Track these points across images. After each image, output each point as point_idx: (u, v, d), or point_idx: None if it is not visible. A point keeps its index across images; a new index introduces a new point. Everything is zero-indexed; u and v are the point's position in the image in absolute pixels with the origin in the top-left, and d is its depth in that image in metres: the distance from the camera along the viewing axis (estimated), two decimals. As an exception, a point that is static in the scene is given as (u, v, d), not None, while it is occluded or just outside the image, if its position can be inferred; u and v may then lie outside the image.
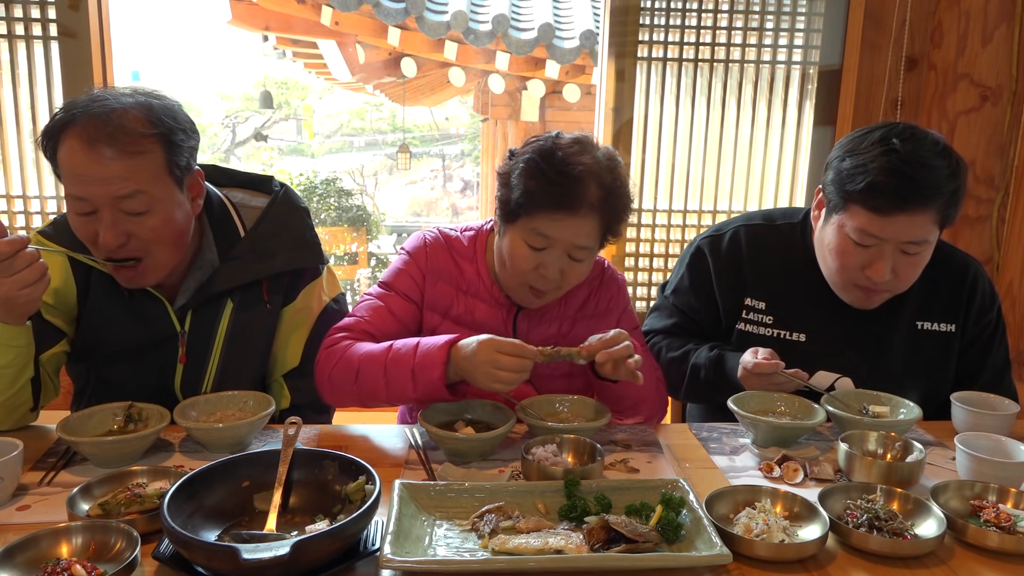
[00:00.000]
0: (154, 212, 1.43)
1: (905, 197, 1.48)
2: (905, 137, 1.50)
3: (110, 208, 1.40)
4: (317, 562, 0.97)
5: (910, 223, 1.49)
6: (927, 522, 1.13)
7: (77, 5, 2.52)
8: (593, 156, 1.47)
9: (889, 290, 1.60)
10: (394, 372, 1.43)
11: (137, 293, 1.54)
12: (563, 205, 1.43)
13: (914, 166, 1.47)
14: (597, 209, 1.45)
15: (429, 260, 1.63)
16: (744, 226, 1.81)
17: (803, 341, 1.70)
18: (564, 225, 1.45)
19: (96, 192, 1.39)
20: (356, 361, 1.47)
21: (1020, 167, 2.73)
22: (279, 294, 1.64)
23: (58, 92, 2.60)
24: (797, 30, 2.78)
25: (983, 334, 1.74)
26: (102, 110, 1.39)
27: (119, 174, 1.38)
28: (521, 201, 1.46)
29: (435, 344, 1.41)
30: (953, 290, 1.72)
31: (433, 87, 9.06)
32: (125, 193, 1.39)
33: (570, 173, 1.43)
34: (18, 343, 1.39)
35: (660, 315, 1.88)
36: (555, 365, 1.62)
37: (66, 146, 1.39)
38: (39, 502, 1.20)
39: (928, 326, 1.71)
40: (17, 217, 2.68)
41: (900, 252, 1.53)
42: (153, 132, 1.41)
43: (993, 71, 2.71)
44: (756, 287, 1.74)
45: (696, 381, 1.71)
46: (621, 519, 1.07)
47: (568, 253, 1.48)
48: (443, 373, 1.38)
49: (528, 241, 1.48)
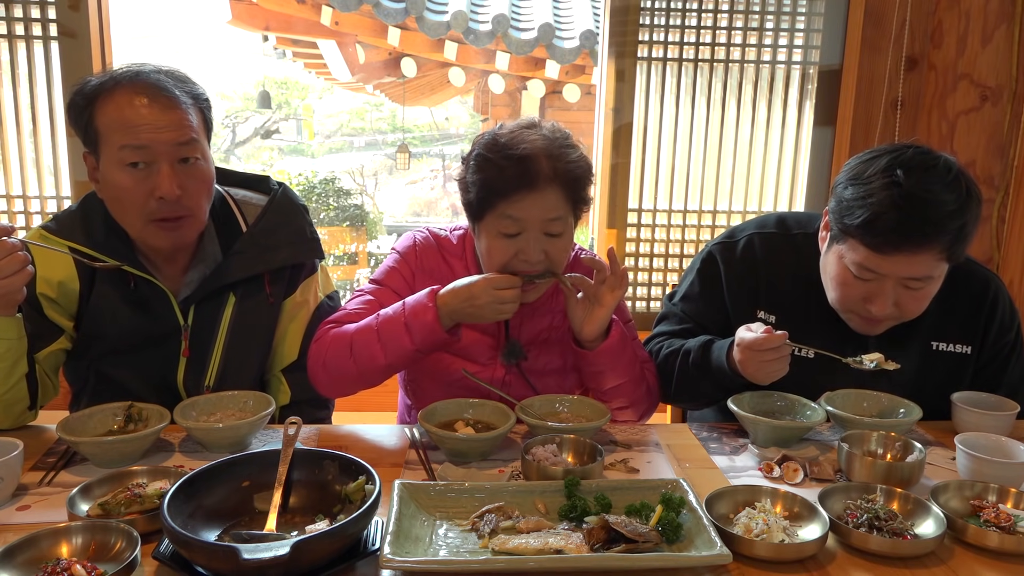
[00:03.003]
0: (202, 162, 1.51)
1: (904, 235, 1.39)
2: (911, 167, 1.41)
3: (168, 157, 1.45)
4: (317, 562, 0.97)
5: (910, 261, 1.42)
6: (927, 522, 1.13)
7: (77, 5, 2.52)
8: (538, 133, 1.50)
9: (895, 318, 1.54)
10: (388, 332, 1.47)
11: (141, 286, 1.55)
12: (520, 185, 1.45)
13: (915, 202, 1.38)
14: (554, 179, 1.46)
15: (419, 259, 1.66)
16: (758, 234, 1.73)
17: (811, 358, 1.63)
18: (528, 203, 1.46)
19: (158, 139, 1.44)
20: (348, 337, 1.51)
21: (1020, 167, 2.73)
22: (280, 287, 1.66)
23: (58, 92, 2.60)
24: (797, 30, 2.78)
25: (1000, 354, 1.67)
26: (143, 70, 1.48)
27: (177, 121, 1.45)
28: (481, 195, 1.49)
29: (421, 295, 1.48)
30: (971, 311, 1.64)
31: (433, 87, 9.06)
32: (184, 140, 1.46)
33: (516, 154, 1.45)
34: (8, 335, 1.39)
35: (668, 323, 1.80)
36: (549, 363, 1.65)
37: (116, 102, 1.44)
38: (39, 502, 1.20)
39: (943, 347, 1.64)
40: (17, 217, 2.68)
41: (902, 287, 1.46)
42: (190, 90, 1.51)
43: (993, 71, 2.71)
44: (768, 300, 1.68)
45: (685, 366, 1.64)
46: (621, 519, 1.07)
47: (543, 230, 1.49)
48: (436, 315, 1.44)
49: (501, 230, 1.49)
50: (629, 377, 1.59)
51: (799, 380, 1.56)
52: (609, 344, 1.54)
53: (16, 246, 1.31)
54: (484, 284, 1.44)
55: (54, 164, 2.66)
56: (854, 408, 1.56)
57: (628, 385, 1.59)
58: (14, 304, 1.38)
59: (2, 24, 2.55)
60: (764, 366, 1.47)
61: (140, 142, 1.43)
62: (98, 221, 1.55)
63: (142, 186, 1.45)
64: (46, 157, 2.67)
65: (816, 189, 2.87)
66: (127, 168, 1.44)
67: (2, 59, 2.58)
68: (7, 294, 1.33)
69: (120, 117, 1.43)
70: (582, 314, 1.54)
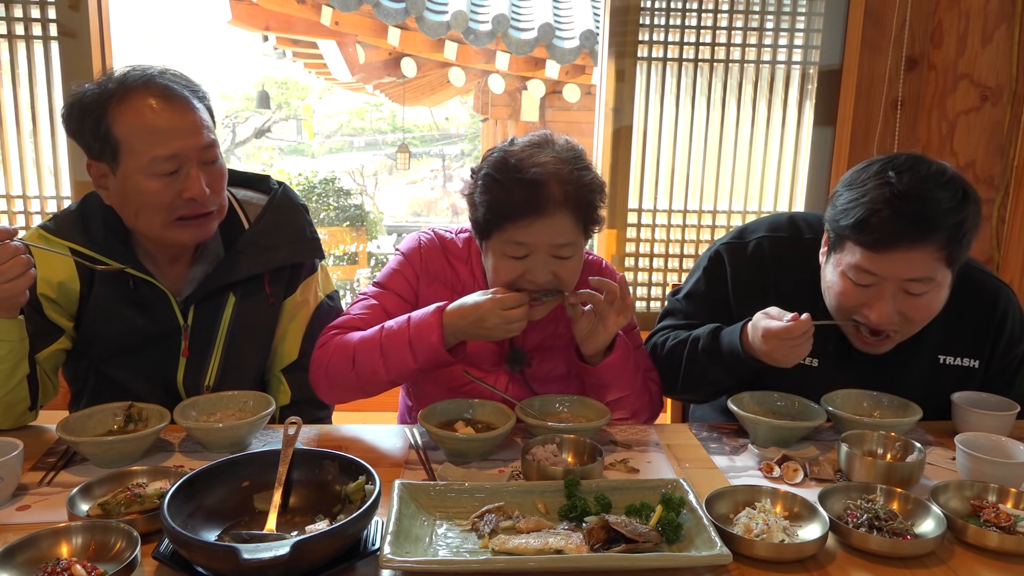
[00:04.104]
0: (221, 159, 1.53)
1: (899, 230, 1.39)
2: (904, 169, 1.42)
3: (195, 159, 1.46)
4: (317, 562, 0.97)
5: (908, 259, 1.40)
6: (927, 522, 1.13)
7: (77, 5, 2.52)
8: (550, 152, 1.45)
9: (899, 333, 1.51)
10: (391, 348, 1.45)
11: (141, 287, 1.55)
12: (528, 211, 1.41)
13: (908, 199, 1.38)
14: (564, 204, 1.43)
15: (424, 261, 1.63)
16: (769, 237, 1.70)
17: (815, 367, 1.62)
18: (536, 229, 1.43)
19: (185, 145, 1.45)
20: (351, 348, 1.49)
21: (1020, 167, 2.73)
22: (280, 286, 1.66)
23: (58, 92, 2.60)
24: (797, 30, 2.78)
25: (1009, 368, 1.65)
26: (151, 73, 1.47)
27: (197, 124, 1.47)
28: (488, 217, 1.46)
29: (427, 312, 1.45)
30: (980, 324, 1.61)
31: (433, 87, 9.06)
32: (208, 143, 1.48)
33: (525, 178, 1.41)
34: (10, 337, 1.39)
35: (673, 319, 1.78)
36: (552, 369, 1.64)
37: (134, 108, 1.43)
38: (39, 502, 1.20)
39: (950, 360, 1.62)
40: (17, 217, 2.68)
41: (903, 292, 1.44)
42: (195, 89, 1.51)
43: (993, 71, 2.71)
44: (775, 303, 1.61)
45: (694, 354, 1.62)
46: (621, 519, 1.07)
47: (551, 254, 1.46)
48: (440, 336, 1.41)
49: (507, 252, 1.47)
50: (632, 390, 1.58)
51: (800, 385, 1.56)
52: (612, 360, 1.52)
53: (19, 249, 1.31)
54: (491, 305, 1.40)
55: (54, 164, 2.66)
56: (854, 408, 1.56)
57: (631, 397, 1.59)
58: (17, 307, 1.38)
59: (2, 24, 2.55)
60: (793, 351, 1.46)
61: (171, 151, 1.43)
62: (97, 221, 1.54)
63: (170, 190, 1.46)
64: (46, 157, 2.67)
65: (816, 189, 2.87)
66: (158, 177, 1.44)
67: (2, 59, 2.58)
68: (10, 297, 1.33)
69: (141, 125, 1.42)
70: (586, 331, 1.51)
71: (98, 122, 1.43)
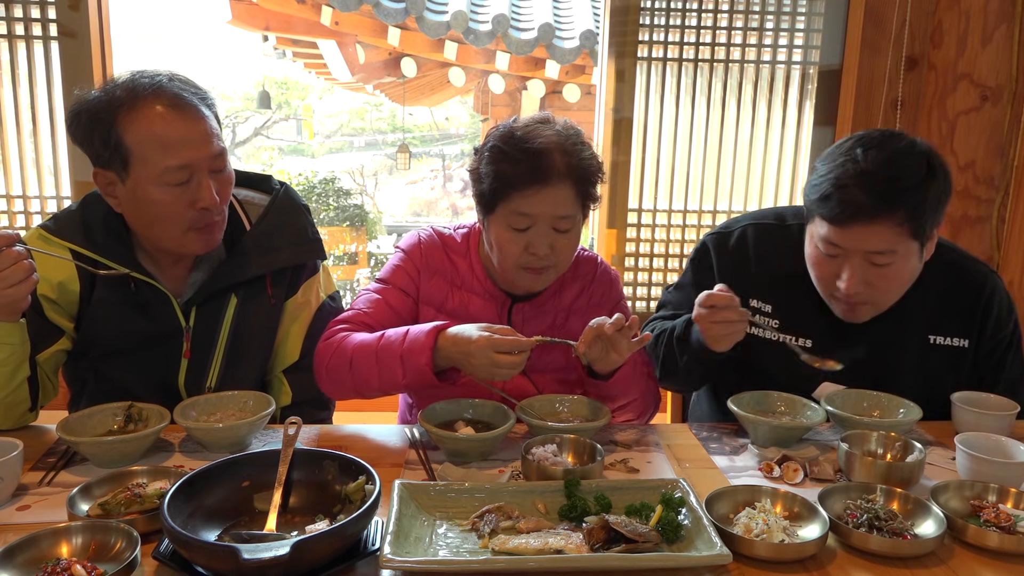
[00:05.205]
0: (229, 166, 1.52)
1: (857, 207, 1.43)
2: (873, 144, 1.46)
3: (205, 168, 1.46)
4: (317, 562, 0.97)
5: (868, 233, 1.44)
6: (927, 522, 1.13)
7: (77, 5, 2.52)
8: (552, 128, 1.51)
9: (869, 303, 1.54)
10: (384, 359, 1.45)
11: (143, 289, 1.55)
12: (534, 179, 1.46)
13: (870, 175, 1.42)
14: (567, 176, 1.48)
15: (424, 257, 1.66)
16: (753, 225, 1.75)
17: (809, 347, 1.65)
18: (540, 199, 1.47)
19: (197, 155, 1.44)
20: (350, 351, 1.50)
21: (1020, 167, 2.73)
22: (282, 287, 1.66)
23: (58, 92, 2.60)
24: (797, 30, 2.78)
25: (998, 349, 1.68)
26: (160, 81, 1.44)
27: (207, 133, 1.46)
28: (494, 187, 1.49)
29: (422, 331, 1.44)
30: (968, 305, 1.65)
31: (433, 87, 9.06)
32: (218, 152, 1.47)
33: (532, 148, 1.46)
34: (12, 340, 1.39)
35: (664, 311, 1.84)
36: (551, 361, 1.65)
37: (146, 117, 1.41)
38: (39, 502, 1.20)
39: (940, 340, 1.65)
40: (17, 217, 2.68)
41: (868, 263, 1.48)
42: (202, 96, 1.49)
43: (993, 71, 2.71)
44: (762, 288, 1.69)
45: (669, 342, 1.65)
46: (621, 519, 1.07)
47: (552, 226, 1.50)
48: (430, 359, 1.41)
49: (511, 224, 1.50)
50: (639, 394, 1.61)
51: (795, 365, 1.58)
52: (622, 373, 1.52)
53: (21, 254, 1.31)
54: (484, 343, 1.36)
55: (54, 164, 2.66)
56: (854, 408, 1.56)
57: (637, 402, 1.62)
58: (18, 312, 1.37)
59: (2, 24, 2.55)
60: (718, 328, 1.48)
61: (183, 161, 1.42)
62: (98, 223, 1.54)
63: (181, 199, 1.45)
64: (46, 157, 2.67)
65: (816, 189, 2.86)
66: (169, 186, 1.44)
67: (2, 59, 2.58)
68: (12, 302, 1.33)
69: (153, 134, 1.41)
70: (596, 354, 1.46)
71: (108, 131, 1.41)
